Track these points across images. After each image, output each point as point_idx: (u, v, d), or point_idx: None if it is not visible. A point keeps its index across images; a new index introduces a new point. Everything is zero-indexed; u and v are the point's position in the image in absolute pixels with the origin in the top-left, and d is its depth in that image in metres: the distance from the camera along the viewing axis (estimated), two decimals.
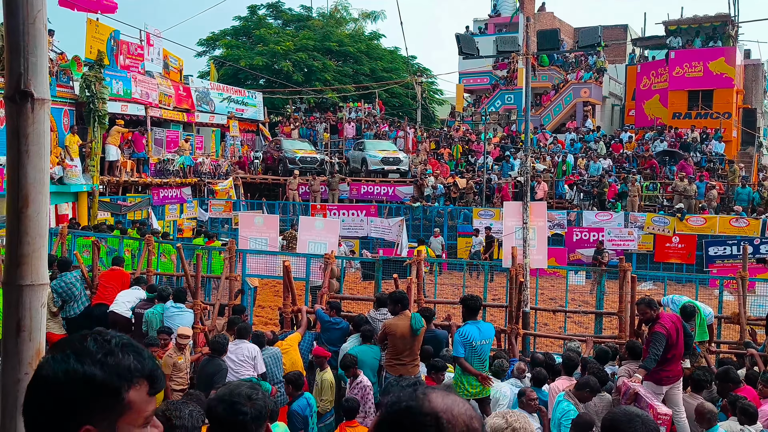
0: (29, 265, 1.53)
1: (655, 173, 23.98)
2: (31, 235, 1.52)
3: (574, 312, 12.14)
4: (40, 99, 1.49)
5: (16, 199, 1.50)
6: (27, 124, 1.48)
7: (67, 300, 9.67)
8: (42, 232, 1.55)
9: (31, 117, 1.48)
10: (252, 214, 15.44)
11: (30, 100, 1.47)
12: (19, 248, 1.51)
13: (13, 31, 1.45)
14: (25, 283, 1.53)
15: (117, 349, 1.33)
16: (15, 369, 1.54)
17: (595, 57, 34.03)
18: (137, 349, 1.38)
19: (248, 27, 40.30)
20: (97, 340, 1.34)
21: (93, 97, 18.18)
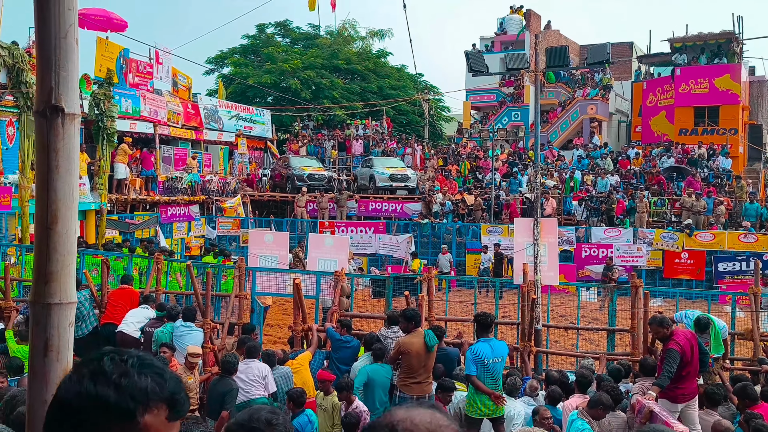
0: (58, 283, 1.50)
1: (662, 189, 23.91)
2: (60, 252, 1.49)
3: (586, 329, 12.03)
4: (70, 114, 1.47)
5: (46, 215, 1.47)
6: (57, 139, 1.46)
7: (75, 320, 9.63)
8: (71, 250, 1.52)
9: (62, 132, 1.46)
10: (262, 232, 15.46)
11: (61, 115, 1.45)
12: (48, 265, 1.48)
13: (45, 45, 1.43)
14: (54, 302, 1.50)
15: (133, 370, 1.28)
16: (42, 390, 1.50)
17: (601, 74, 34.07)
18: (158, 370, 1.32)
19: (257, 45, 40.60)
20: (114, 360, 1.29)
21: (102, 115, 18.29)
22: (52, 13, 1.43)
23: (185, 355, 8.06)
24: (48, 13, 1.43)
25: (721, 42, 30.76)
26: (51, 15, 1.42)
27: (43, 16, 1.43)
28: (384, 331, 8.65)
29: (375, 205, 25.40)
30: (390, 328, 8.53)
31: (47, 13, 1.42)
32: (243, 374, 7.52)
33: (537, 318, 9.55)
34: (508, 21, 39.51)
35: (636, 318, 8.69)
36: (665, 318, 6.91)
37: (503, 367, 7.28)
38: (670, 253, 20.38)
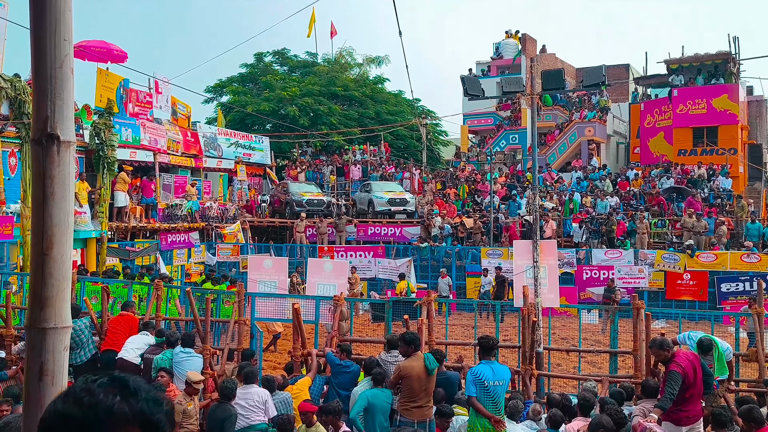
0: (53, 308, 1.52)
1: (663, 210, 23.94)
2: (55, 277, 1.51)
3: (588, 351, 11.97)
4: (66, 141, 1.50)
5: (41, 240, 1.50)
6: (53, 166, 1.49)
7: (74, 347, 9.59)
8: (66, 275, 1.54)
9: (57, 159, 1.49)
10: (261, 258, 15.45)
11: (56, 143, 1.48)
12: (43, 290, 1.51)
13: (41, 75, 1.47)
14: (49, 326, 1.52)
15: (100, 389, 1.28)
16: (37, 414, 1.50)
17: (598, 96, 34.33)
18: (131, 390, 1.30)
19: (255, 74, 40.98)
20: (86, 380, 1.31)
21: (102, 144, 18.42)
22: (47, 43, 1.47)
23: (185, 381, 8.03)
24: (44, 43, 1.47)
25: (718, 62, 31.06)
26: (47, 46, 1.46)
27: (38, 47, 1.47)
28: (384, 356, 8.62)
29: (374, 230, 25.43)
30: (390, 352, 8.51)
31: (43, 44, 1.46)
32: (243, 400, 7.49)
33: (538, 341, 9.51)
34: (503, 45, 39.93)
35: (638, 340, 8.65)
36: (665, 340, 6.88)
37: (505, 390, 7.23)
38: (672, 274, 20.34)
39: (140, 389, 1.32)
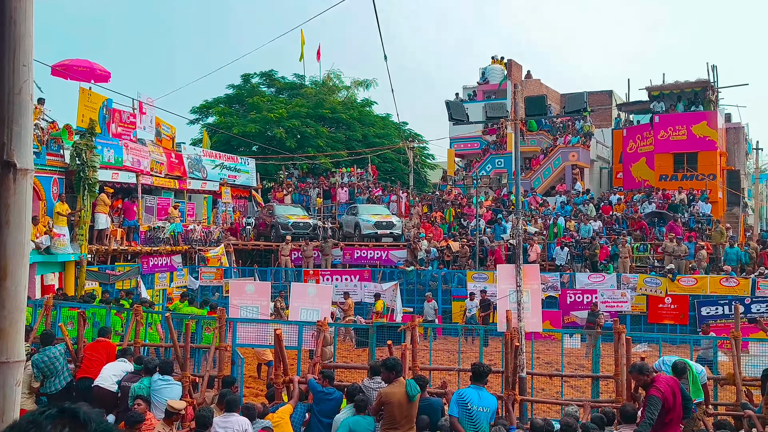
0: (5, 341, 1.45)
1: (644, 234, 24.12)
2: (8, 309, 1.45)
3: (571, 376, 11.92)
4: (22, 169, 1.45)
5: None
6: (9, 194, 1.43)
7: (48, 375, 9.35)
8: (20, 306, 1.48)
9: (13, 187, 1.44)
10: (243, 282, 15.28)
11: (12, 171, 1.43)
12: None
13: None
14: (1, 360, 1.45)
15: (47, 421, 1.24)
16: None
17: (582, 122, 34.71)
18: (83, 422, 1.25)
19: (241, 95, 41.01)
20: (34, 412, 1.27)
21: (83, 165, 18.22)
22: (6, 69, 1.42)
23: (164, 409, 7.87)
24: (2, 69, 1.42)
25: (697, 90, 31.59)
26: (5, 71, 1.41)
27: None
28: (367, 382, 8.51)
29: (360, 253, 25.34)
30: (373, 378, 8.39)
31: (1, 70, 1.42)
32: (222, 429, 7.34)
33: (521, 366, 9.44)
34: (490, 71, 40.34)
35: (619, 364, 8.63)
36: (645, 365, 6.88)
37: (489, 419, 7.14)
38: (654, 298, 20.44)
39: (90, 420, 1.27)
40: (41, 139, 18.01)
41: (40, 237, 17.20)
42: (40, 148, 17.87)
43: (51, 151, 18.44)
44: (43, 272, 17.69)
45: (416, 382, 7.74)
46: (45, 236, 17.36)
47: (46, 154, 18.16)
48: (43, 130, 18.28)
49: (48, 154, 18.28)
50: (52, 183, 18.58)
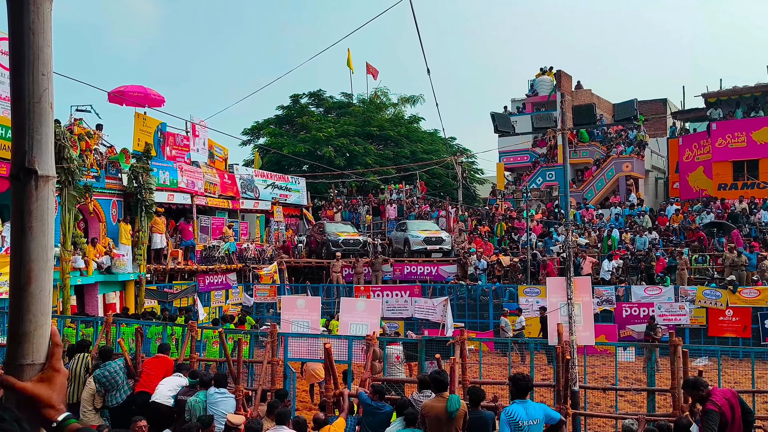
0: (31, 344, 1.51)
1: (703, 245, 23.31)
2: (33, 313, 1.51)
3: (626, 390, 11.56)
4: (44, 176, 1.52)
5: (19, 275, 1.50)
6: (31, 201, 1.50)
7: (110, 389, 9.66)
8: (45, 310, 1.54)
9: (35, 194, 1.51)
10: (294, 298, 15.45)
11: (34, 177, 1.50)
12: (21, 326, 1.50)
13: (19, 110, 1.50)
14: (26, 362, 1.51)
15: None
16: None
17: (635, 131, 33.96)
18: None
19: (291, 115, 41.75)
20: None
21: (140, 187, 18.86)
22: (25, 78, 1.50)
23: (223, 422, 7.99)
24: (22, 78, 1.50)
25: (757, 95, 30.49)
26: (25, 80, 1.49)
27: (16, 82, 1.50)
28: (416, 396, 8.47)
29: (410, 269, 25.30)
30: (422, 392, 8.35)
31: (21, 79, 1.50)
32: None
33: (573, 379, 9.22)
34: (538, 83, 39.93)
35: (676, 378, 8.34)
36: (699, 379, 6.62)
37: (541, 430, 6.99)
38: (714, 310, 19.69)
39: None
40: (100, 164, 18.72)
41: (101, 257, 17.82)
42: (100, 172, 18.57)
43: (110, 174, 19.14)
44: (104, 291, 18.32)
45: (471, 395, 7.66)
46: (106, 257, 17.98)
47: (105, 177, 18.85)
48: (102, 155, 18.99)
49: (107, 177, 18.97)
50: (111, 205, 19.25)
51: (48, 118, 1.52)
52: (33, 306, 1.50)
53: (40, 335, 1.52)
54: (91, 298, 18.02)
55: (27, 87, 1.48)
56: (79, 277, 16.78)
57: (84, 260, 16.87)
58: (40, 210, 1.50)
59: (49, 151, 1.52)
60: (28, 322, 1.50)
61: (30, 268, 1.49)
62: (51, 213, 1.53)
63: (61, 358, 1.55)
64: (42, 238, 1.50)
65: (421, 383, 8.56)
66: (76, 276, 16.58)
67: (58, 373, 1.52)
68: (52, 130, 1.53)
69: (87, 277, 17.17)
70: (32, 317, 1.50)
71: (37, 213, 1.50)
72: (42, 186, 1.50)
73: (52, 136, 1.53)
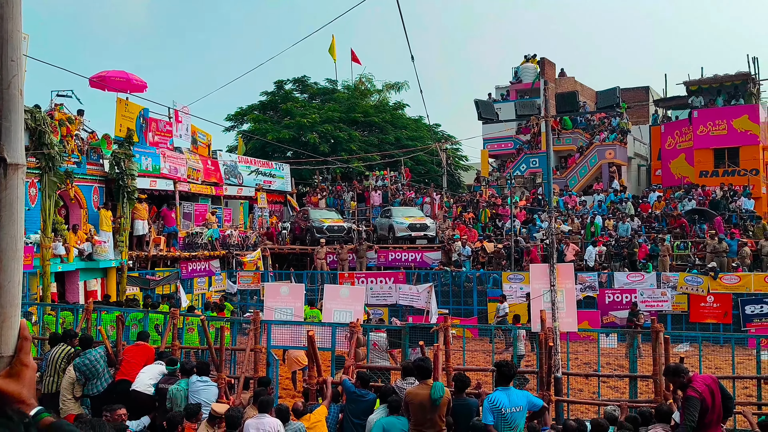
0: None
1: (685, 232, 23.56)
2: (1, 305, 1.47)
3: (608, 376, 11.69)
4: (13, 164, 1.47)
5: None
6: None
7: (90, 377, 9.57)
8: (14, 302, 1.50)
9: (4, 182, 1.46)
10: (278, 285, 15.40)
11: (2, 166, 1.46)
12: None
13: None
14: None
15: None
16: None
17: (618, 118, 34.11)
18: None
19: (275, 101, 41.44)
20: None
21: (122, 173, 18.65)
22: None
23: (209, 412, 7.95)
24: None
25: (738, 83, 30.75)
26: None
27: None
28: (399, 383, 8.50)
29: (395, 255, 25.32)
30: (405, 379, 8.38)
31: None
32: (254, 429, 7.39)
33: (556, 366, 9.30)
34: (522, 70, 39.94)
35: (658, 364, 8.44)
36: (679, 366, 6.67)
37: (524, 417, 7.05)
38: (696, 296, 19.93)
39: None
40: (81, 149, 18.47)
41: (82, 244, 17.63)
42: (81, 158, 18.33)
43: (91, 160, 18.90)
44: (86, 278, 18.15)
45: (456, 383, 7.69)
46: (87, 243, 17.79)
47: (86, 163, 18.61)
48: (83, 141, 18.74)
49: (88, 163, 18.73)
50: (92, 191, 19.03)
51: (17, 104, 1.47)
52: (2, 298, 1.46)
53: (8, 327, 1.48)
54: (72, 285, 17.85)
55: None
56: (60, 264, 16.60)
57: (65, 247, 16.68)
58: (9, 199, 1.46)
59: (19, 138, 1.47)
60: None
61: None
62: (21, 202, 1.49)
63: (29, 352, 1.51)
64: (11, 227, 1.46)
65: (404, 370, 8.58)
66: (57, 263, 16.40)
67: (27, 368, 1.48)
68: (22, 116, 1.49)
69: (68, 264, 16.99)
70: (1, 309, 1.46)
71: (6, 202, 1.45)
72: (11, 174, 1.46)
73: (22, 123, 1.48)
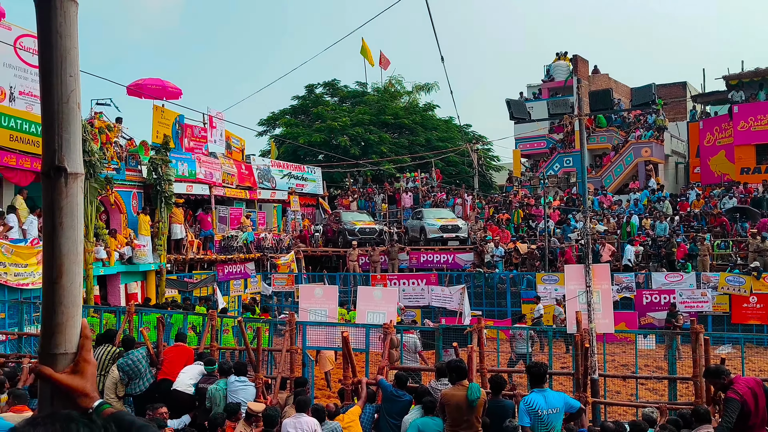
0: (63, 335, 1.57)
1: (725, 231, 23.04)
2: (65, 305, 1.57)
3: (646, 378, 11.52)
4: (73, 173, 1.57)
5: (51, 269, 1.56)
6: (61, 197, 1.56)
7: (133, 377, 9.82)
8: (76, 302, 1.60)
9: (65, 191, 1.56)
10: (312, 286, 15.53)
11: (63, 175, 1.55)
12: (54, 318, 1.56)
13: (48, 111, 1.55)
14: (59, 352, 1.57)
15: None
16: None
17: (654, 115, 33.56)
18: None
19: (306, 105, 41.80)
20: None
21: (160, 179, 19.03)
22: (54, 80, 1.55)
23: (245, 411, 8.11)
24: (50, 80, 1.55)
25: None
26: (53, 82, 1.54)
27: (46, 83, 1.55)
28: (434, 384, 8.51)
29: (427, 257, 25.32)
30: (439, 380, 8.39)
31: (50, 81, 1.55)
32: (292, 428, 7.50)
33: (593, 367, 9.21)
34: (554, 68, 39.58)
35: (698, 365, 8.30)
36: (720, 367, 6.54)
37: (560, 418, 7.00)
38: (738, 297, 19.48)
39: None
40: (120, 156, 18.90)
41: (123, 248, 18.04)
42: (120, 165, 18.76)
43: (130, 166, 19.32)
44: (126, 281, 18.57)
45: (492, 384, 7.69)
46: (127, 247, 18.20)
47: (125, 169, 19.04)
48: (122, 148, 19.17)
49: (127, 169, 19.15)
50: (131, 197, 19.45)
51: (76, 117, 1.57)
52: (65, 298, 1.56)
53: (71, 326, 1.58)
54: (114, 288, 18.28)
55: (56, 88, 1.54)
56: (102, 267, 17.02)
57: (106, 251, 17.10)
58: (70, 206, 1.56)
59: (77, 149, 1.57)
60: (60, 314, 1.56)
61: (61, 263, 1.55)
62: (80, 208, 1.58)
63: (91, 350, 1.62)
64: (72, 232, 1.56)
65: (438, 371, 8.60)
66: (99, 266, 16.83)
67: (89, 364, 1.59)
68: (80, 129, 1.58)
69: (109, 268, 17.41)
70: (64, 309, 1.56)
71: (67, 209, 1.55)
72: (71, 183, 1.55)
73: (80, 135, 1.58)
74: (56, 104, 1.53)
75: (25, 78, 16.13)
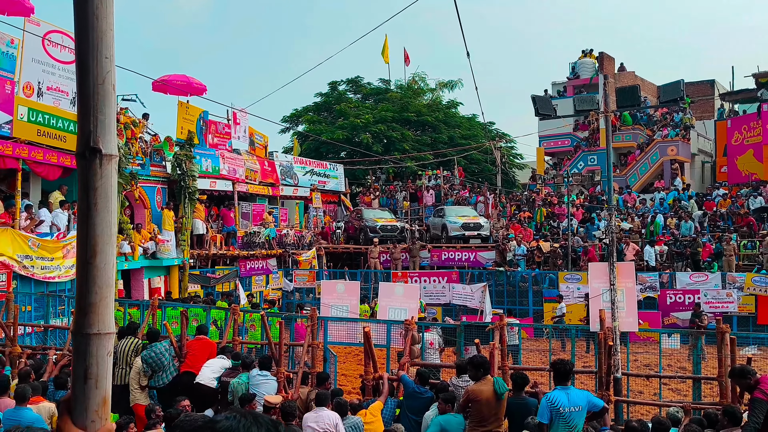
0: (97, 314, 1.60)
1: (752, 231, 22.67)
2: (98, 285, 1.59)
3: (670, 377, 11.38)
4: (108, 155, 1.59)
5: (85, 250, 1.58)
6: (96, 178, 1.58)
7: (156, 369, 9.92)
8: (109, 282, 1.62)
9: (99, 172, 1.58)
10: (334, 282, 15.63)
11: (98, 156, 1.57)
12: (87, 297, 1.58)
13: (84, 92, 1.57)
14: (93, 332, 1.59)
15: None
16: (82, 415, 1.58)
17: (681, 114, 33.08)
18: None
19: (329, 102, 41.89)
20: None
21: (184, 174, 19.20)
22: (90, 62, 1.57)
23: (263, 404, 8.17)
24: (87, 61, 1.57)
25: None
26: (89, 64, 1.57)
27: (82, 65, 1.57)
28: (455, 380, 8.51)
29: (448, 255, 25.26)
30: (460, 377, 8.38)
31: (86, 62, 1.57)
32: (314, 423, 7.54)
33: (616, 366, 9.13)
34: (580, 65, 39.21)
35: (723, 366, 8.18)
36: (746, 367, 6.46)
37: (583, 417, 6.94)
38: (764, 298, 19.15)
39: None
40: (145, 152, 19.11)
41: (147, 243, 18.25)
42: (145, 160, 18.97)
43: (154, 162, 19.53)
44: (150, 276, 18.78)
45: (515, 380, 7.67)
46: (151, 242, 18.40)
47: (150, 165, 19.24)
48: (147, 143, 19.38)
49: (152, 165, 19.36)
50: (156, 192, 19.66)
51: (111, 99, 1.59)
52: (98, 278, 1.59)
53: (105, 306, 1.60)
54: (137, 282, 18.49)
55: (92, 69, 1.56)
56: (125, 262, 17.23)
57: (130, 246, 17.30)
58: (105, 187, 1.58)
59: (112, 131, 1.59)
60: (93, 294, 1.58)
61: (95, 242, 1.57)
62: (114, 190, 1.60)
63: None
64: (106, 214, 1.58)
65: (459, 368, 8.59)
66: (123, 261, 17.03)
67: None
68: (115, 111, 1.60)
69: (133, 262, 17.62)
70: (98, 289, 1.59)
71: (102, 190, 1.57)
72: (106, 164, 1.58)
73: (115, 117, 1.60)
74: (92, 85, 1.55)
75: (52, 73, 16.37)
